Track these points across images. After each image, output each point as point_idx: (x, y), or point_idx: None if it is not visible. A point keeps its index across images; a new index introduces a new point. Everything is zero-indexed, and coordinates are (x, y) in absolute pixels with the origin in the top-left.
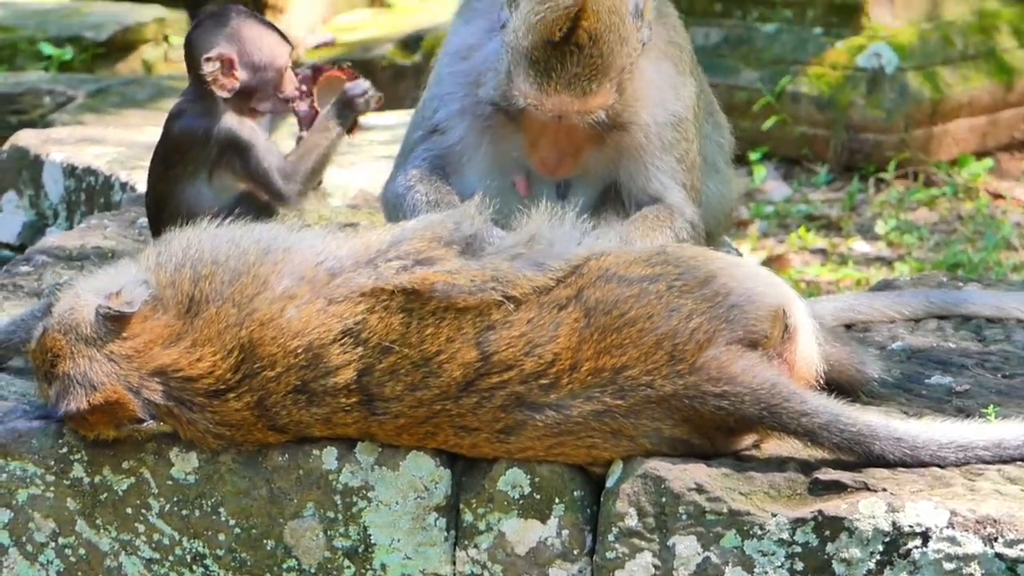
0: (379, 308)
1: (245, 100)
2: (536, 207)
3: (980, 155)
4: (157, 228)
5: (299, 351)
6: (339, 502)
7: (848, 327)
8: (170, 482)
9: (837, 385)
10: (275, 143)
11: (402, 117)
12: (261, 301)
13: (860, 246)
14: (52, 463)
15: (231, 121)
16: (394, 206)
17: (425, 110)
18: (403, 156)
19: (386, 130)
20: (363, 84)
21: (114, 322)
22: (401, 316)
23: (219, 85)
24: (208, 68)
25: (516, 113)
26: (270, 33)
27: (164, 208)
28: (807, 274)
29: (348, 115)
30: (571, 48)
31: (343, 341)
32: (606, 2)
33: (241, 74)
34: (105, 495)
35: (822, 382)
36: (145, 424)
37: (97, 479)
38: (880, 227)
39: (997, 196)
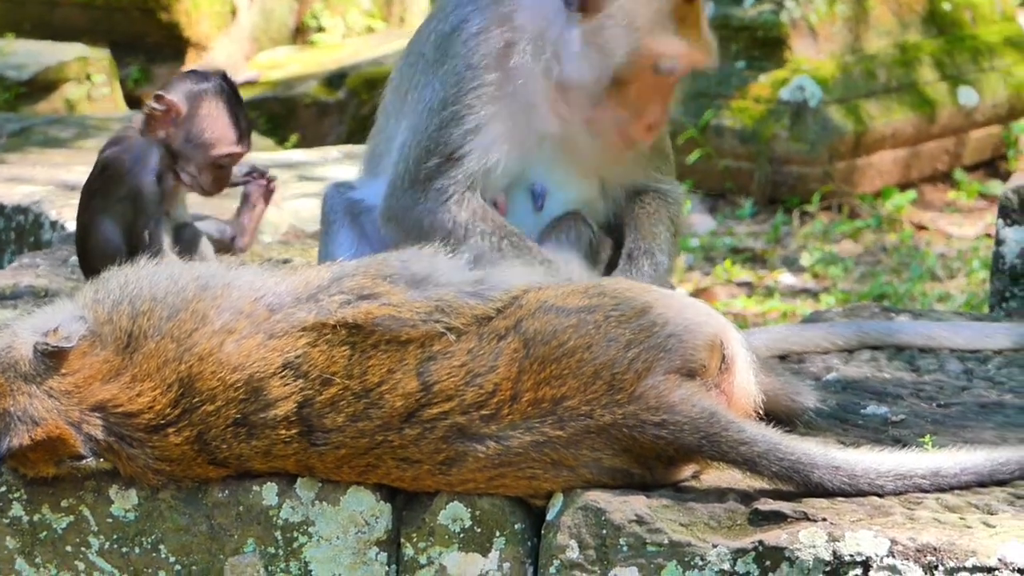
0: (321, 342)
1: (173, 161)
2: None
3: (903, 187)
4: (82, 261)
5: (239, 384)
6: (280, 537)
7: (782, 359)
8: (110, 519)
9: (774, 416)
10: (170, 223)
11: (329, 152)
12: (200, 336)
13: (786, 278)
14: None
15: (148, 180)
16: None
17: (440, 134)
18: (418, 184)
19: (314, 166)
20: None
21: (52, 358)
22: (343, 349)
23: (151, 124)
24: (153, 103)
25: (625, 87)
26: (229, 124)
27: (87, 240)
28: (733, 307)
29: None
30: (696, 3)
31: (283, 374)
32: None
33: (175, 132)
34: (44, 533)
35: (760, 413)
36: (85, 461)
37: (36, 517)
38: (805, 259)
39: (921, 227)
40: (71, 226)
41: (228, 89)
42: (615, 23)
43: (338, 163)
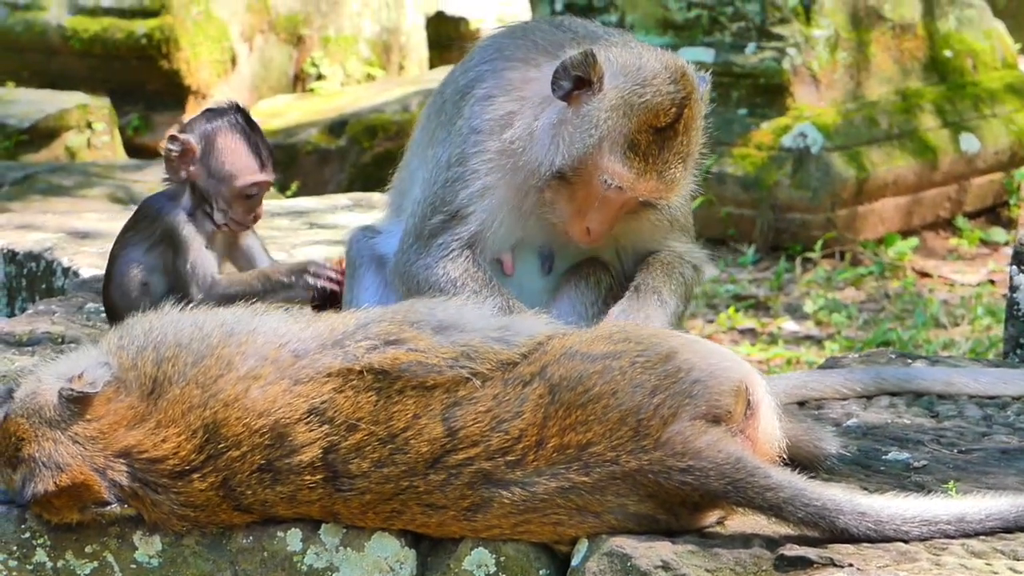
0: (347, 388)
1: (202, 201)
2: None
3: (906, 234)
4: (104, 299)
5: (264, 430)
6: None
7: (800, 404)
8: (134, 566)
9: (796, 462)
10: (213, 253)
11: (338, 200)
12: (225, 382)
13: (789, 325)
14: (15, 548)
15: (179, 217)
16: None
17: (445, 192)
18: (422, 240)
19: (323, 214)
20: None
21: (77, 404)
22: (369, 395)
23: (171, 166)
24: (168, 144)
25: (575, 185)
26: (248, 154)
27: (111, 268)
28: (737, 354)
29: (301, 283)
30: (670, 134)
31: (308, 420)
32: (697, 91)
33: (195, 170)
34: None
35: (784, 458)
36: (110, 507)
37: (60, 564)
38: (808, 306)
39: (923, 274)
40: (85, 272)
41: (242, 121)
42: (581, 123)
43: (347, 210)
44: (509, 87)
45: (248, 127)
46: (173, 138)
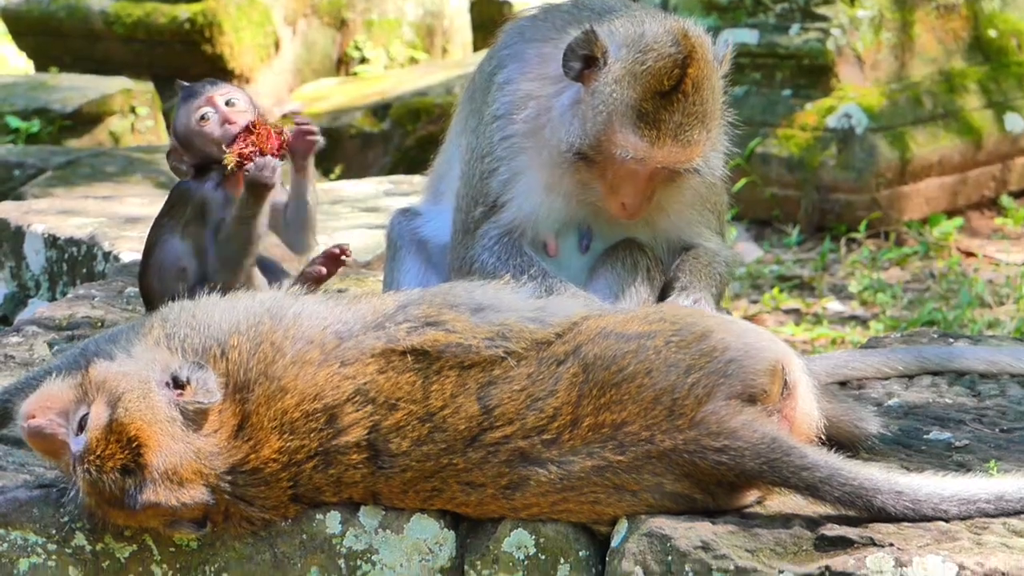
0: (389, 369)
1: (221, 168)
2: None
3: (950, 214)
4: (141, 274)
5: (317, 414)
6: (343, 566)
7: (842, 384)
8: (172, 549)
9: (836, 442)
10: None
11: (380, 184)
12: (279, 368)
13: (834, 306)
14: (54, 532)
15: (208, 187)
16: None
17: (482, 184)
18: (469, 234)
19: (365, 198)
20: (261, 162)
21: (199, 414)
22: (408, 375)
23: (178, 171)
24: (169, 163)
25: (600, 163)
26: (197, 94)
27: (148, 254)
28: (782, 334)
29: (259, 192)
30: (678, 97)
31: (355, 400)
32: (702, 49)
33: (185, 152)
34: (108, 563)
35: (822, 438)
36: (200, 531)
37: (99, 547)
38: (853, 286)
39: (968, 254)
40: (125, 257)
41: (194, 86)
42: (593, 101)
43: (389, 195)
44: (527, 69)
45: (193, 88)
46: (168, 155)
